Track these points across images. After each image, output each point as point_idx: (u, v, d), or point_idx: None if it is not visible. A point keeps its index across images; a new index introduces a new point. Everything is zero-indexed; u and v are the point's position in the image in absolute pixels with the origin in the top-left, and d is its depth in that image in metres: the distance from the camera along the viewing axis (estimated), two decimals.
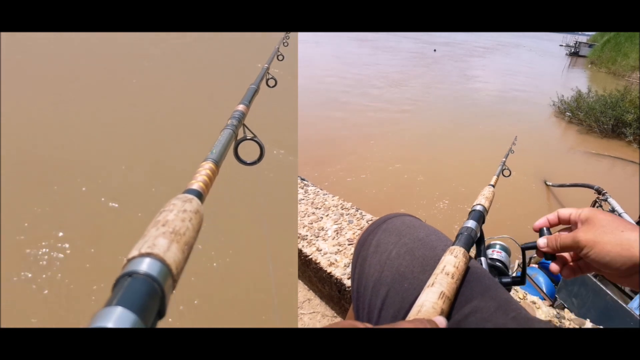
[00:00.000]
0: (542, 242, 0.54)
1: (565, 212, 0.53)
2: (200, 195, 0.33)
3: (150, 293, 0.24)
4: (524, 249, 0.58)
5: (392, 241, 0.56)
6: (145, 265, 0.25)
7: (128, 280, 0.24)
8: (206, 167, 0.37)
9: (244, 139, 0.52)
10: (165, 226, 0.28)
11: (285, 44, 1.20)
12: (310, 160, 4.65)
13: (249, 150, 0.54)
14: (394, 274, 0.51)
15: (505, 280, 0.64)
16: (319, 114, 6.77)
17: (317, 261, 1.39)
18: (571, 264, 0.55)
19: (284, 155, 2.39)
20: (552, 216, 0.55)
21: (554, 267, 0.54)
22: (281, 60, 1.09)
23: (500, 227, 3.50)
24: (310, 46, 15.01)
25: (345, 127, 6.32)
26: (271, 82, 0.87)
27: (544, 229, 0.56)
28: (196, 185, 0.34)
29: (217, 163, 0.39)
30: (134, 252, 0.25)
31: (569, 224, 0.54)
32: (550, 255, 0.54)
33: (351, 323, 0.33)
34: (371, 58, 14.37)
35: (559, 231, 0.55)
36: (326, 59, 13.31)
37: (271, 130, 2.45)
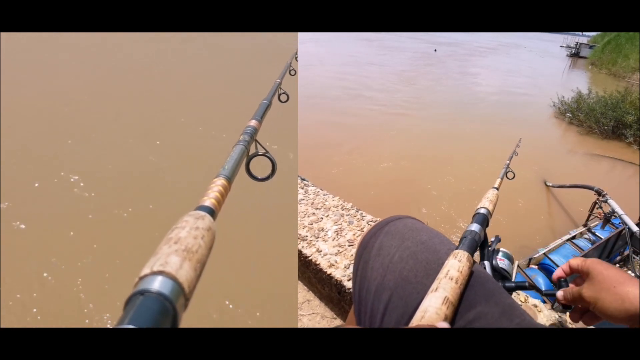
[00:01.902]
0: (560, 295, 0.58)
1: (574, 264, 0.58)
2: (212, 212, 0.33)
3: (162, 312, 0.23)
4: (546, 295, 0.65)
5: (395, 244, 0.55)
6: (158, 284, 0.24)
7: (140, 299, 0.23)
8: (218, 183, 0.37)
9: (256, 154, 0.51)
10: (178, 244, 0.27)
11: (297, 59, 1.19)
12: (311, 159, 4.64)
13: (260, 165, 0.54)
14: (396, 278, 0.51)
15: (508, 284, 0.63)
16: (320, 113, 6.76)
17: (317, 262, 1.38)
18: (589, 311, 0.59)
19: (284, 154, 2.39)
20: (565, 267, 0.60)
21: (573, 317, 0.59)
22: (293, 75, 1.08)
23: (499, 228, 3.50)
24: (319, 45, 15.06)
25: (346, 126, 6.31)
26: (283, 97, 0.87)
27: (562, 279, 0.60)
28: (208, 202, 0.33)
29: (229, 179, 0.39)
30: (146, 270, 0.25)
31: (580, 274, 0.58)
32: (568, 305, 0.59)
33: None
34: (381, 57, 14.54)
35: (575, 281, 0.60)
36: (340, 58, 13.36)
37: (271, 128, 2.45)
